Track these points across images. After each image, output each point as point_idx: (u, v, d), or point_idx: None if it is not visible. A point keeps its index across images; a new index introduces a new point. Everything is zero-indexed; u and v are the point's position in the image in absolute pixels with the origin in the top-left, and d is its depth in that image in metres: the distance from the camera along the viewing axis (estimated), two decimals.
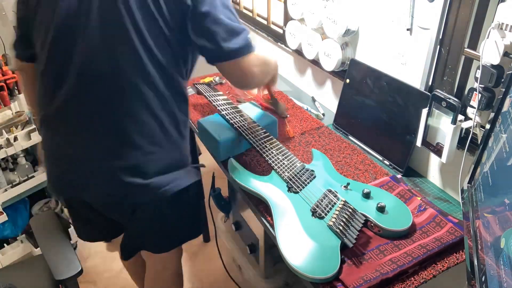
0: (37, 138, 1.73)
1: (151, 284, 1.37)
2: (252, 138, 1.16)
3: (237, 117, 1.25)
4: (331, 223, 0.91)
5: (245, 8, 2.02)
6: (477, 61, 0.94)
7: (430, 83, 1.11)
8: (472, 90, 0.94)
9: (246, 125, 1.21)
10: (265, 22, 1.87)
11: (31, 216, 1.86)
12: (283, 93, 1.60)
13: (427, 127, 1.08)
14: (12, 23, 2.57)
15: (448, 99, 0.99)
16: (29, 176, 1.76)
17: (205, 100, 1.55)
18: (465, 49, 0.99)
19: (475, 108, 0.92)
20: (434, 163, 1.15)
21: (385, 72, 1.21)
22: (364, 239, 0.92)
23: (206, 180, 1.86)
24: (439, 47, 1.05)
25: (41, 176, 1.78)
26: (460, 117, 0.99)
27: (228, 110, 1.28)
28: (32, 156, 1.85)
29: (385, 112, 1.21)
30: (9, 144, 1.64)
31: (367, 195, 0.99)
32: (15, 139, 1.65)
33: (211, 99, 1.35)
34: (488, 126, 0.82)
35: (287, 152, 1.13)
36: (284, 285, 1.43)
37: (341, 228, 0.90)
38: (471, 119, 0.97)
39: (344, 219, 0.92)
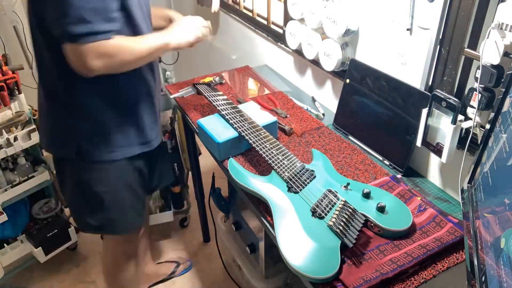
0: (37, 138, 1.73)
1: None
2: (252, 138, 1.16)
3: (237, 117, 1.25)
4: (331, 223, 0.91)
5: (245, 8, 2.02)
6: (477, 61, 0.94)
7: (430, 83, 1.11)
8: (472, 90, 0.94)
9: (246, 125, 1.21)
10: (265, 22, 1.87)
11: (31, 216, 1.86)
12: (283, 93, 1.60)
13: (427, 127, 1.08)
14: (12, 23, 2.57)
15: (448, 99, 0.99)
16: (29, 176, 1.76)
17: (205, 100, 1.55)
18: (465, 49, 0.99)
19: (475, 108, 0.92)
20: (434, 163, 1.15)
21: (385, 72, 1.21)
22: (364, 239, 0.92)
23: (206, 180, 1.86)
24: (439, 47, 1.05)
25: (41, 176, 1.78)
26: (460, 117, 0.99)
27: (228, 110, 1.28)
28: (32, 156, 1.85)
29: (385, 112, 1.21)
30: (9, 144, 1.63)
31: (367, 195, 0.99)
32: (15, 139, 1.65)
33: (211, 99, 1.35)
34: (488, 126, 0.82)
35: (287, 152, 1.13)
36: (284, 285, 1.43)
37: (341, 228, 0.90)
38: (471, 119, 0.97)
39: (344, 219, 0.92)
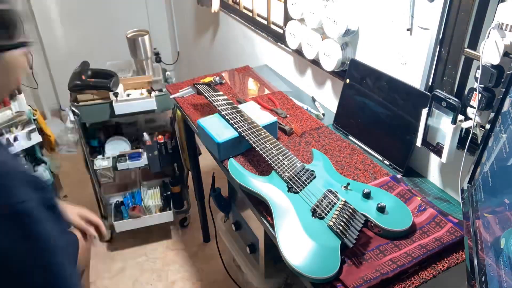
0: (37, 138, 1.73)
1: None
2: (252, 138, 1.16)
3: (237, 117, 1.24)
4: (331, 223, 0.91)
5: (245, 8, 2.02)
6: (477, 61, 0.94)
7: (430, 83, 1.11)
8: (472, 90, 0.94)
9: (246, 125, 1.21)
10: (265, 22, 1.87)
11: None
12: (283, 93, 1.60)
13: (427, 127, 1.07)
14: None
15: (448, 99, 0.99)
16: None
17: (205, 100, 1.55)
18: (465, 49, 0.99)
19: (475, 108, 0.92)
20: (434, 163, 1.15)
21: (385, 72, 1.21)
22: (364, 239, 0.92)
23: (206, 180, 1.86)
24: (439, 47, 1.05)
25: (41, 176, 1.78)
26: (460, 117, 0.99)
27: (228, 110, 1.28)
28: (32, 156, 1.85)
29: (385, 112, 1.21)
30: (9, 144, 1.64)
31: (367, 195, 0.99)
32: (15, 139, 1.65)
33: (211, 99, 1.35)
34: (488, 126, 0.83)
35: (287, 152, 1.13)
36: (284, 285, 1.43)
37: (341, 228, 0.90)
38: (471, 119, 0.97)
39: (344, 219, 0.91)
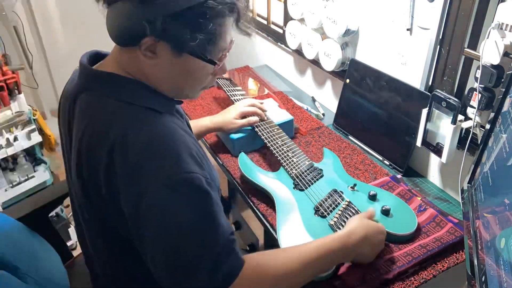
0: (37, 138, 1.73)
1: None
2: (264, 134, 1.16)
3: None
4: (333, 223, 0.91)
5: None
6: (477, 61, 0.94)
7: (430, 83, 1.11)
8: (472, 90, 0.94)
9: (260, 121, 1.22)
10: (265, 22, 1.87)
11: None
12: (283, 93, 1.60)
13: (427, 127, 1.08)
14: (12, 23, 2.57)
15: (448, 99, 0.99)
16: (29, 176, 1.76)
17: (205, 100, 1.55)
18: (465, 49, 0.99)
19: (475, 108, 0.92)
20: (434, 163, 1.15)
21: (385, 72, 1.21)
22: None
23: None
24: (439, 47, 1.05)
25: (41, 176, 1.78)
26: (460, 117, 0.99)
27: None
28: (32, 156, 1.85)
29: (385, 112, 1.21)
30: (9, 144, 1.64)
31: (373, 197, 0.99)
32: (15, 139, 1.65)
33: (230, 94, 1.36)
34: (488, 126, 0.82)
35: (297, 149, 1.13)
36: None
37: (341, 228, 0.89)
38: (471, 119, 0.97)
39: (346, 220, 0.91)
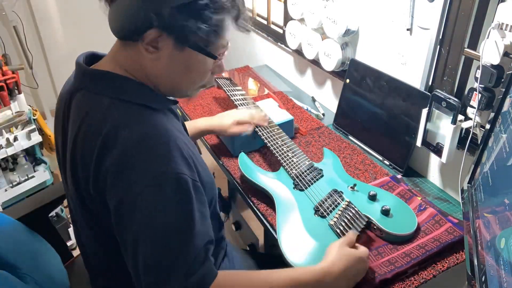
0: (37, 138, 1.73)
1: None
2: (264, 134, 1.17)
3: None
4: (332, 223, 0.91)
5: None
6: (477, 61, 0.94)
7: (430, 83, 1.11)
8: (472, 90, 0.94)
9: None
10: (265, 22, 1.87)
11: None
12: (283, 93, 1.60)
13: (427, 127, 1.08)
14: (12, 23, 2.57)
15: (448, 99, 0.99)
16: (29, 176, 1.76)
17: (205, 100, 1.55)
18: (465, 49, 0.99)
19: (475, 108, 0.92)
20: (434, 163, 1.15)
21: (385, 72, 1.21)
22: (364, 241, 0.92)
23: None
24: (439, 47, 1.05)
25: (41, 176, 1.78)
26: (460, 117, 0.99)
27: (245, 105, 1.28)
28: (32, 156, 1.85)
29: (385, 112, 1.21)
30: (9, 144, 1.64)
31: (373, 197, 0.99)
32: (15, 139, 1.65)
33: (230, 94, 1.36)
34: (488, 126, 0.82)
35: (297, 149, 1.13)
36: None
37: (341, 228, 0.90)
38: (471, 119, 0.97)
39: (345, 220, 0.92)
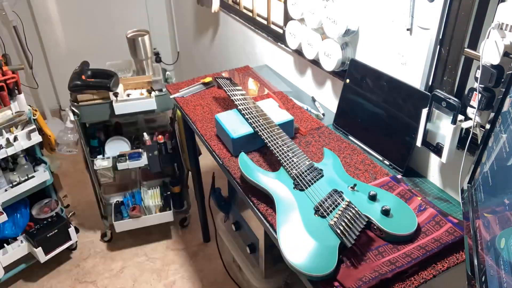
0: (37, 138, 1.73)
1: None
2: (265, 134, 1.17)
3: (253, 112, 1.25)
4: (332, 223, 0.91)
5: (245, 8, 2.02)
6: (477, 61, 0.94)
7: (430, 83, 1.11)
8: (472, 90, 0.94)
9: (261, 121, 1.22)
10: (265, 22, 1.87)
11: (31, 216, 1.86)
12: (283, 93, 1.60)
13: (427, 127, 1.07)
14: (12, 23, 2.57)
15: (448, 99, 0.99)
16: (29, 176, 1.76)
17: (205, 100, 1.55)
18: (465, 49, 0.99)
19: (475, 108, 0.92)
20: (434, 163, 1.15)
21: (385, 72, 1.21)
22: (364, 240, 0.92)
23: (206, 180, 1.86)
24: (439, 47, 1.05)
25: (41, 176, 1.78)
26: (460, 117, 0.99)
27: (245, 105, 1.29)
28: (32, 156, 1.85)
29: (385, 112, 1.21)
30: (9, 144, 1.64)
31: (373, 198, 0.99)
32: (15, 139, 1.65)
33: (230, 94, 1.36)
34: (488, 126, 0.82)
35: (297, 149, 1.13)
36: (284, 285, 1.43)
37: (341, 228, 0.90)
38: (471, 119, 0.97)
39: (346, 220, 0.91)
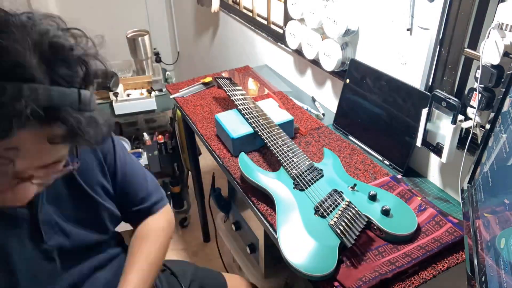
0: None
1: None
2: (265, 134, 1.17)
3: (253, 112, 1.25)
4: (332, 223, 0.91)
5: (245, 8, 2.02)
6: (477, 61, 0.94)
7: (430, 83, 1.11)
8: (472, 90, 0.94)
9: (261, 121, 1.22)
10: (265, 22, 1.87)
11: None
12: (283, 93, 1.60)
13: (427, 127, 1.08)
14: None
15: (448, 99, 0.99)
16: None
17: (205, 100, 1.55)
18: (465, 49, 0.99)
19: (475, 108, 0.92)
20: (434, 163, 1.15)
21: (385, 72, 1.21)
22: (364, 240, 0.92)
23: (206, 180, 1.86)
24: (439, 47, 1.05)
25: None
26: (460, 117, 0.99)
27: (245, 105, 1.29)
28: None
29: (385, 112, 1.21)
30: None
31: (373, 197, 0.99)
32: None
33: (230, 94, 1.36)
34: (488, 126, 0.82)
35: (297, 149, 1.13)
36: (284, 285, 1.43)
37: (341, 228, 0.90)
38: (471, 119, 0.97)
39: (346, 220, 0.92)
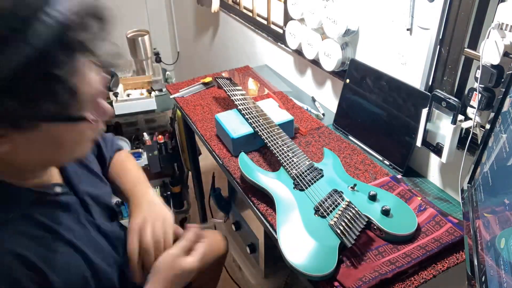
0: None
1: None
2: (265, 134, 1.17)
3: (253, 112, 1.25)
4: (332, 223, 0.91)
5: (245, 8, 2.01)
6: (477, 61, 0.94)
7: (430, 83, 1.11)
8: (472, 90, 0.94)
9: (261, 121, 1.22)
10: (265, 22, 1.87)
11: None
12: (283, 93, 1.60)
13: (427, 127, 1.08)
14: None
15: (448, 99, 0.99)
16: None
17: (205, 100, 1.55)
18: (465, 49, 0.99)
19: (475, 108, 0.92)
20: (434, 163, 1.15)
21: (385, 72, 1.21)
22: (364, 240, 0.92)
23: (206, 180, 1.86)
24: (439, 47, 1.05)
25: None
26: (460, 117, 0.99)
27: (245, 105, 1.29)
28: None
29: (385, 112, 1.21)
30: None
31: (373, 198, 0.99)
32: None
33: (230, 94, 1.35)
34: (488, 126, 0.82)
35: (297, 149, 1.13)
36: (284, 285, 1.43)
37: (341, 228, 0.90)
38: (471, 119, 0.97)
39: (346, 220, 0.91)
